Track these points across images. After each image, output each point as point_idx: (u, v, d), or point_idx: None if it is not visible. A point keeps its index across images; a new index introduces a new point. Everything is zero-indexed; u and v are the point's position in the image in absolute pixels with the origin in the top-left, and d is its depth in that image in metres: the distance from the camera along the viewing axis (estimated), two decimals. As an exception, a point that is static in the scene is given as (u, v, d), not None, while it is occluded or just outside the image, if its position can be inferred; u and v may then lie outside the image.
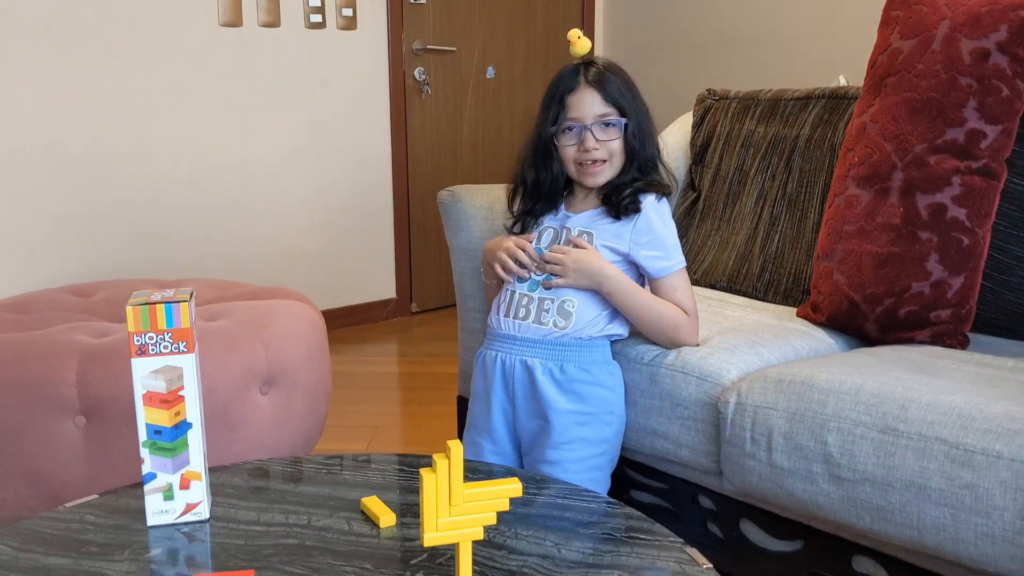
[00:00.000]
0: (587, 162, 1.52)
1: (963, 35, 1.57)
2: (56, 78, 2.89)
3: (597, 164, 1.53)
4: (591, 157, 1.52)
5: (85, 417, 1.62)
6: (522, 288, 1.55)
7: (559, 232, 1.57)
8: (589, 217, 1.57)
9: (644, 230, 1.53)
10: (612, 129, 1.52)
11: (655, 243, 1.53)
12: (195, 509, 1.11)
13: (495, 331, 1.58)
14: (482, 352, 1.61)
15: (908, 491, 1.21)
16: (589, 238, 1.54)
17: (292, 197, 3.51)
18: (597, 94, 1.51)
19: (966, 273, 1.55)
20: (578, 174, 1.55)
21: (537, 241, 1.58)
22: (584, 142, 1.51)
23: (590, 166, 1.53)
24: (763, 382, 1.41)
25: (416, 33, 3.80)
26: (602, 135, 1.51)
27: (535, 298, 1.54)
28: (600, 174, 1.54)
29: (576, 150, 1.53)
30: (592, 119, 1.51)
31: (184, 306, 1.06)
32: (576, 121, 1.52)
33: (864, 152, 1.66)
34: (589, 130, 1.51)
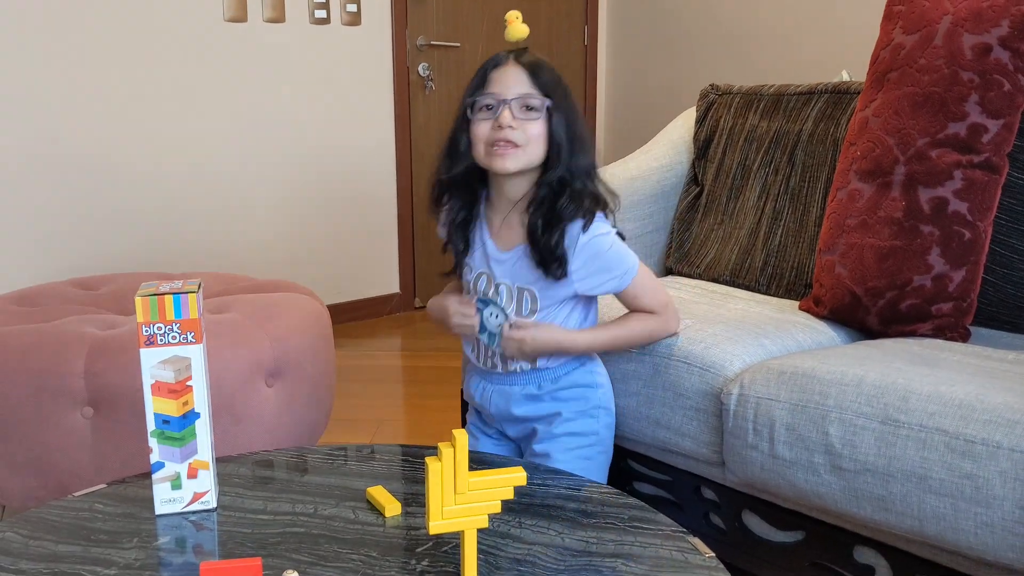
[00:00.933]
0: (499, 142, 1.32)
1: (965, 30, 1.58)
2: (61, 73, 2.90)
3: (509, 146, 1.32)
4: (504, 136, 1.31)
5: (93, 408, 1.64)
6: (484, 341, 1.48)
7: (492, 281, 1.44)
8: (518, 261, 1.41)
9: (580, 272, 1.39)
10: (534, 113, 1.33)
11: (598, 272, 1.40)
12: (203, 498, 1.12)
13: (472, 363, 1.54)
14: (468, 373, 1.59)
15: (909, 481, 1.22)
16: (532, 301, 1.42)
17: (296, 192, 3.52)
18: (524, 73, 1.34)
19: (967, 267, 1.56)
20: (487, 156, 1.34)
21: (474, 289, 1.47)
22: (500, 117, 1.32)
23: (501, 147, 1.32)
24: (765, 373, 1.42)
25: (420, 29, 3.80)
26: (522, 115, 1.32)
27: (498, 352, 1.47)
28: (511, 158, 1.32)
29: (490, 127, 1.33)
30: (513, 95, 1.32)
31: (192, 297, 1.07)
32: (495, 95, 1.33)
33: (866, 146, 1.66)
34: (508, 104, 1.32)
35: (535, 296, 1.41)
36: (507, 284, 1.42)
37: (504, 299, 1.43)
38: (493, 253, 1.42)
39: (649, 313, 1.47)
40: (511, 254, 1.41)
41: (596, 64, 4.49)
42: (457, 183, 1.40)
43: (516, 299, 1.42)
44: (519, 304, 1.42)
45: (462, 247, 1.45)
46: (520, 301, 1.42)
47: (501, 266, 1.41)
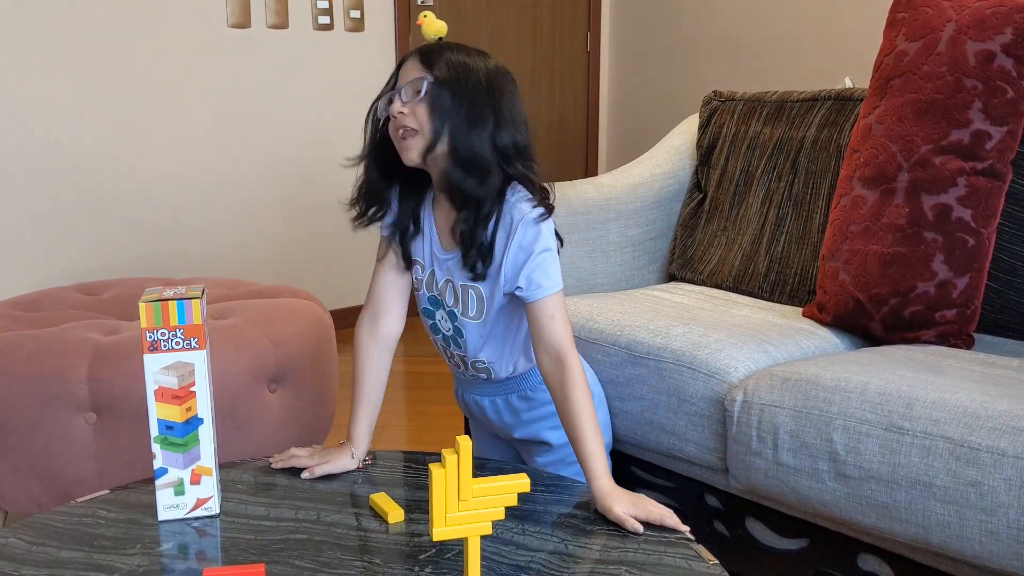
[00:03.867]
0: (399, 131, 1.26)
1: (968, 37, 1.58)
2: (65, 79, 2.91)
3: (408, 133, 1.25)
4: (399, 124, 1.25)
5: (95, 414, 1.64)
6: (440, 343, 1.43)
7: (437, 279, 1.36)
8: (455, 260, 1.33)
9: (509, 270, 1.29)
10: (421, 93, 1.25)
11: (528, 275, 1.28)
12: (206, 504, 1.12)
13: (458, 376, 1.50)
14: (457, 390, 1.54)
15: (913, 489, 1.21)
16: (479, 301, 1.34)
17: (299, 197, 3.53)
18: (419, 62, 1.27)
19: (971, 273, 1.56)
20: (399, 151, 1.28)
21: (427, 288, 1.38)
22: (391, 107, 1.26)
23: (402, 137, 1.26)
24: (769, 380, 1.42)
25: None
26: (410, 99, 1.25)
27: (455, 355, 1.42)
28: (410, 149, 1.25)
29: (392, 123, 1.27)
30: (405, 83, 1.26)
31: (196, 303, 1.07)
32: (389, 92, 1.29)
33: (870, 153, 1.66)
34: (397, 92, 1.26)
35: (481, 295, 1.33)
36: (452, 281, 1.35)
37: (451, 298, 1.36)
38: (438, 252, 1.35)
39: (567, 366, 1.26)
40: (451, 253, 1.34)
41: (599, 70, 4.49)
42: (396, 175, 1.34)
43: (461, 298, 1.35)
44: (464, 304, 1.35)
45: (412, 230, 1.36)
46: (466, 300, 1.34)
47: (443, 264, 1.35)
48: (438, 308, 1.39)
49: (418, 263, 1.38)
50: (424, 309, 1.42)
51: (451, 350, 1.42)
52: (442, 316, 1.39)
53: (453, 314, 1.37)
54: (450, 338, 1.41)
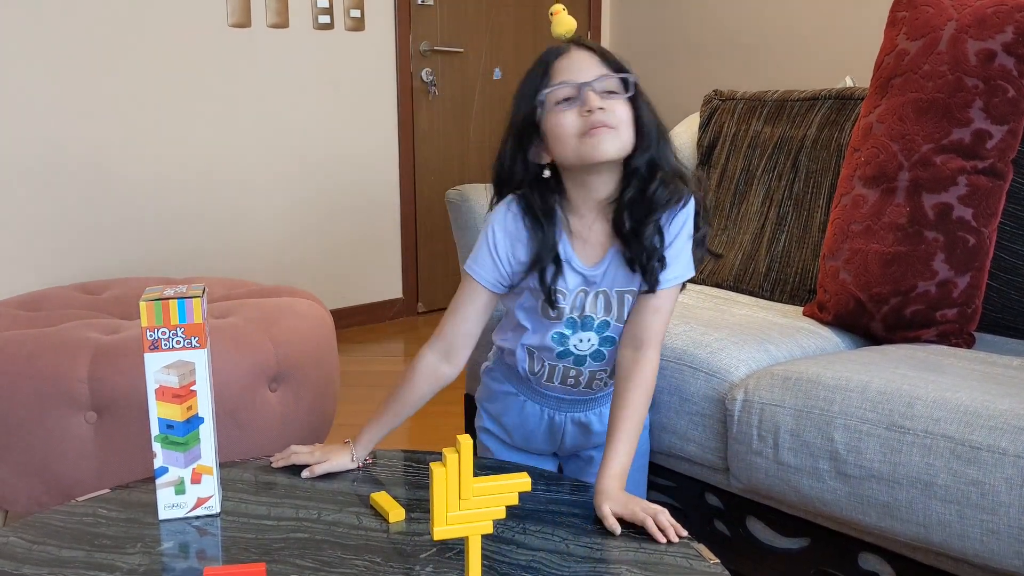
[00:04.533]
0: (596, 127, 1.15)
1: (969, 36, 1.58)
2: (65, 79, 2.91)
3: (605, 128, 1.15)
4: (598, 120, 1.14)
5: (96, 413, 1.64)
6: (566, 363, 1.31)
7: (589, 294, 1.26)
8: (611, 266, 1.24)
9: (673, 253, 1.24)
10: (617, 95, 1.18)
11: (670, 258, 1.24)
12: (206, 503, 1.12)
13: (535, 387, 1.37)
14: (517, 396, 1.39)
15: (914, 488, 1.21)
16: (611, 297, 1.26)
17: (299, 197, 3.53)
18: (594, 56, 1.19)
19: (972, 272, 1.56)
20: (578, 150, 1.17)
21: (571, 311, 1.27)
22: (586, 101, 1.15)
23: (595, 131, 1.15)
24: (770, 379, 1.42)
25: (424, 34, 3.81)
26: (606, 96, 1.17)
27: (584, 372, 1.31)
28: (609, 140, 1.15)
29: (576, 116, 1.16)
30: (592, 77, 1.17)
31: (197, 302, 1.07)
32: (570, 82, 1.17)
33: (870, 152, 1.66)
34: (591, 87, 1.16)
35: (635, 294, 1.25)
36: (605, 291, 1.25)
37: (602, 310, 1.26)
38: (583, 270, 1.25)
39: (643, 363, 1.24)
40: (603, 264, 1.24)
41: (599, 70, 4.49)
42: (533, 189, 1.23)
43: (617, 304, 1.26)
44: (620, 309, 1.27)
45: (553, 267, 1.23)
46: (622, 306, 1.26)
47: (597, 278, 1.25)
48: (576, 331, 1.28)
49: (560, 292, 1.25)
50: (555, 335, 1.29)
51: (582, 368, 1.31)
52: (582, 338, 1.29)
53: (606, 324, 1.27)
54: (586, 356, 1.30)
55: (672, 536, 1.05)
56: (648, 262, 1.21)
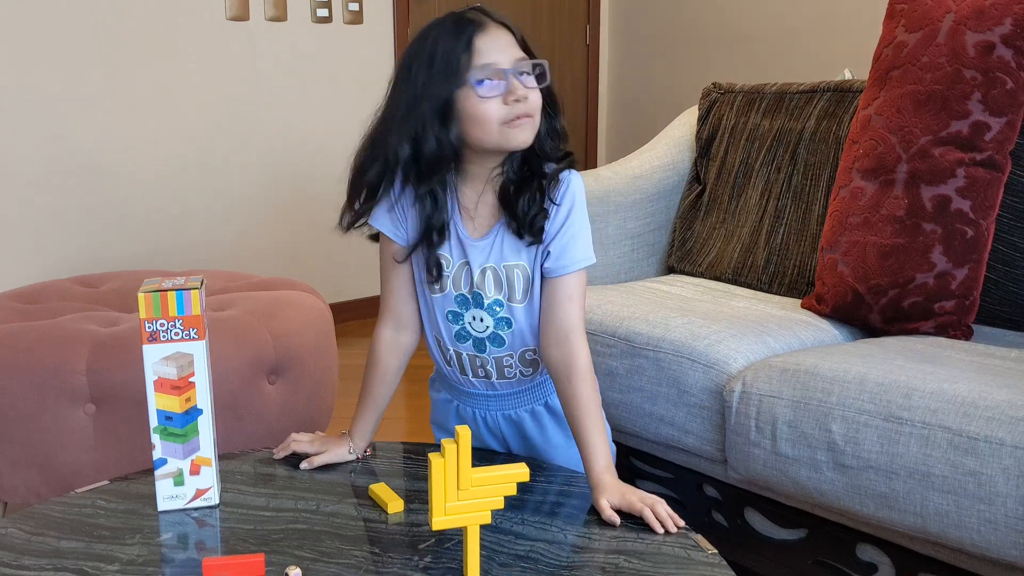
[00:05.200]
0: (518, 116, 1.15)
1: (968, 28, 1.57)
2: (63, 71, 2.90)
3: (524, 119, 1.16)
4: (523, 110, 1.15)
5: (95, 405, 1.64)
6: (467, 349, 1.28)
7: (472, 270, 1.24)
8: (498, 239, 1.23)
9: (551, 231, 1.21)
10: (531, 79, 1.17)
11: (562, 238, 1.21)
12: (205, 494, 1.12)
13: (457, 387, 1.34)
14: (450, 400, 1.37)
15: (912, 478, 1.22)
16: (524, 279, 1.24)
17: (297, 190, 3.52)
18: (510, 35, 1.19)
19: (970, 264, 1.56)
20: (502, 136, 1.15)
21: (454, 286, 1.25)
22: (513, 90, 1.14)
23: (518, 122, 1.15)
24: (768, 371, 1.42)
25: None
26: (527, 83, 1.16)
27: (489, 359, 1.28)
28: (529, 130, 1.16)
29: (500, 104, 1.14)
30: (512, 63, 1.16)
31: (195, 293, 1.07)
32: (492, 67, 1.15)
33: (869, 144, 1.66)
34: (516, 76, 1.15)
35: (527, 272, 1.23)
36: (493, 266, 1.23)
37: (492, 287, 1.24)
38: (468, 240, 1.23)
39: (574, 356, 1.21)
40: (488, 236, 1.23)
41: (598, 63, 4.49)
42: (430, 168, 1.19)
43: (506, 280, 1.23)
44: (510, 286, 1.24)
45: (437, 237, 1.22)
46: (511, 282, 1.23)
47: (481, 252, 1.23)
48: (469, 308, 1.26)
49: (443, 258, 1.24)
50: (448, 314, 1.27)
51: (484, 355, 1.27)
52: (475, 316, 1.26)
53: (498, 304, 1.25)
54: (485, 339, 1.26)
55: (671, 527, 1.05)
56: (533, 216, 1.19)
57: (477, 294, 1.25)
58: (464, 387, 1.32)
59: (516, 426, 1.33)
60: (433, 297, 1.27)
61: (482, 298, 1.25)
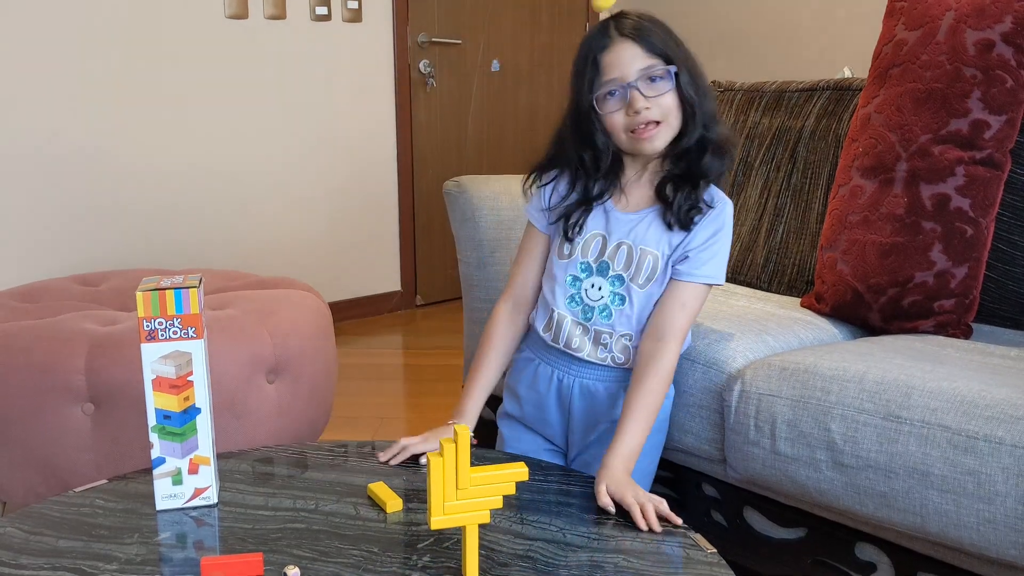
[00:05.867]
0: (639, 126, 1.26)
1: (968, 26, 1.57)
2: (60, 69, 2.90)
3: (651, 127, 1.26)
4: (643, 119, 1.25)
5: (94, 404, 1.63)
6: (574, 315, 1.34)
7: (608, 242, 1.32)
8: (644, 221, 1.32)
9: (699, 239, 1.30)
10: (661, 83, 1.26)
11: (707, 250, 1.31)
12: (204, 494, 1.12)
13: (547, 344, 1.38)
14: (532, 360, 1.41)
15: (911, 477, 1.21)
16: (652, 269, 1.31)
17: (297, 189, 3.52)
18: (636, 46, 1.26)
19: (970, 263, 1.56)
20: (631, 143, 1.28)
21: (583, 253, 1.34)
22: (632, 103, 1.25)
23: (643, 130, 1.26)
24: (767, 370, 1.42)
25: (422, 26, 3.80)
26: (650, 91, 1.25)
27: (590, 329, 1.34)
28: (657, 137, 1.27)
29: (624, 115, 1.26)
30: (636, 75, 1.25)
31: (193, 292, 1.07)
32: (617, 82, 1.26)
33: (868, 143, 1.66)
34: (635, 88, 1.25)
35: (657, 261, 1.30)
36: (628, 243, 1.31)
37: (622, 262, 1.31)
38: (614, 212, 1.32)
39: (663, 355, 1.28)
40: (637, 215, 1.32)
41: (597, 62, 4.49)
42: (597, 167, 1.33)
43: (637, 263, 1.30)
44: (638, 269, 1.30)
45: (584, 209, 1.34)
46: (640, 264, 1.30)
47: (623, 226, 1.31)
48: (591, 275, 1.33)
49: (578, 225, 1.34)
50: (569, 277, 1.34)
51: (588, 324, 1.33)
52: (595, 284, 1.33)
53: (619, 279, 1.32)
54: (595, 309, 1.33)
55: (655, 526, 1.06)
56: (687, 209, 1.29)
57: (604, 263, 1.33)
58: (551, 344, 1.38)
59: (589, 398, 1.37)
60: (559, 262, 1.36)
61: (607, 269, 1.33)
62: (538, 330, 1.39)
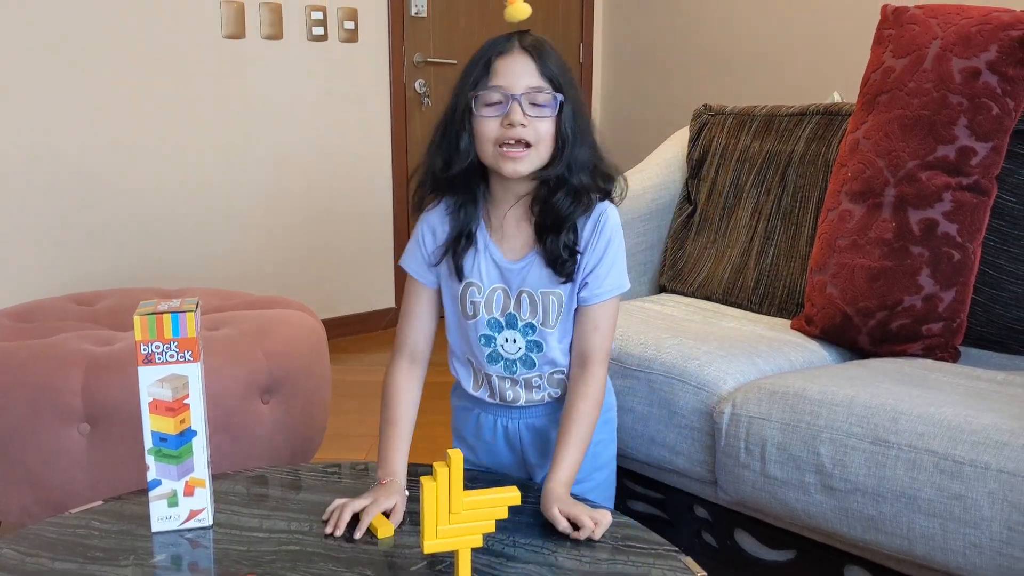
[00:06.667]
0: (509, 142, 1.19)
1: (954, 54, 1.60)
2: (59, 88, 2.91)
3: (520, 148, 1.19)
4: (515, 135, 1.18)
5: (89, 425, 1.64)
6: (498, 372, 1.30)
7: (510, 294, 1.27)
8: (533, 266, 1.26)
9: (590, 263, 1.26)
10: (544, 108, 1.20)
11: (599, 270, 1.26)
12: (199, 515, 1.13)
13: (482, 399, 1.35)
14: (471, 409, 1.38)
15: (899, 501, 1.23)
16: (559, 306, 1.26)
17: (292, 206, 3.53)
18: (532, 63, 1.21)
19: (957, 287, 1.58)
20: (495, 159, 1.21)
21: (487, 310, 1.28)
22: (510, 114, 1.18)
23: (512, 148, 1.19)
24: (757, 393, 1.43)
25: (417, 46, 3.83)
26: (531, 111, 1.19)
27: (519, 380, 1.30)
28: (522, 161, 1.20)
29: (498, 125, 1.19)
30: (522, 89, 1.19)
31: (191, 316, 1.08)
32: (502, 89, 1.20)
33: (857, 168, 1.69)
34: (517, 101, 1.19)
35: (561, 299, 1.26)
36: (529, 291, 1.27)
37: (527, 310, 1.27)
38: (504, 264, 1.27)
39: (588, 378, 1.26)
40: (524, 261, 1.27)
41: (591, 83, 4.52)
42: (455, 182, 1.26)
43: (542, 306, 1.27)
44: (545, 313, 1.27)
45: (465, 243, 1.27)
46: (546, 308, 1.27)
47: (517, 275, 1.27)
48: (502, 330, 1.28)
49: (473, 285, 1.27)
50: (482, 337, 1.29)
51: (515, 376, 1.30)
52: (509, 338, 1.29)
53: (530, 327, 1.28)
54: (517, 361, 1.29)
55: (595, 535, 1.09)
56: (563, 260, 1.24)
57: (512, 315, 1.28)
58: (485, 399, 1.34)
59: (538, 434, 1.35)
60: (466, 323, 1.30)
61: (516, 320, 1.28)
62: (467, 389, 1.35)
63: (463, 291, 1.28)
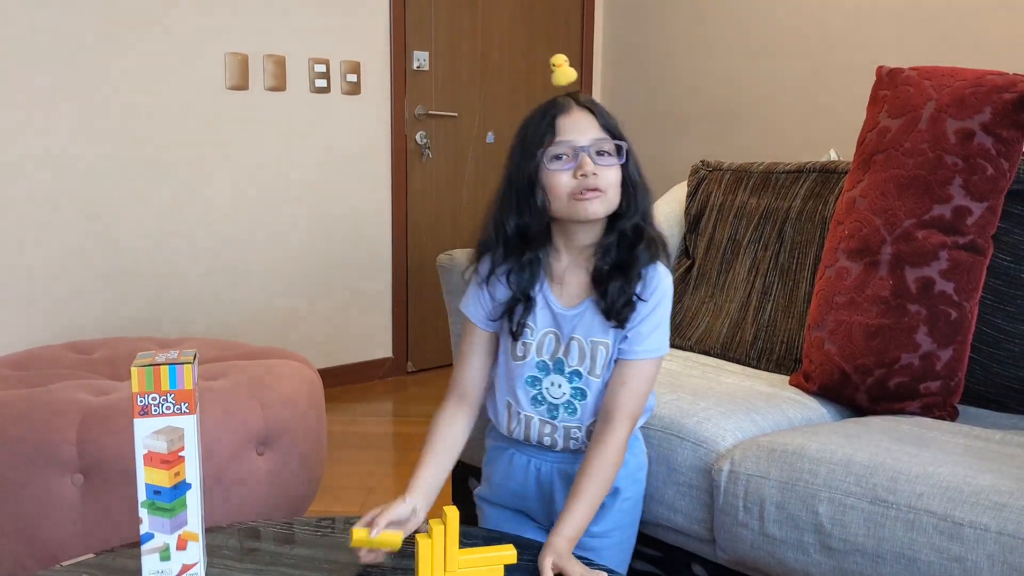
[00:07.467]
0: (584, 190, 1.24)
1: (948, 115, 1.62)
2: (61, 135, 2.94)
3: (594, 192, 1.25)
4: (588, 184, 1.24)
5: (83, 476, 1.63)
6: (540, 415, 1.34)
7: (560, 339, 1.32)
8: (587, 313, 1.30)
9: (637, 317, 1.30)
10: (610, 158, 1.27)
11: (643, 327, 1.30)
12: (191, 570, 1.12)
13: (514, 440, 1.39)
14: (505, 448, 1.42)
15: (898, 563, 1.22)
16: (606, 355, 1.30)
17: (292, 256, 3.55)
18: (593, 118, 1.29)
19: (954, 345, 1.58)
20: (570, 207, 1.26)
21: (537, 352, 1.33)
22: (582, 165, 1.24)
23: (585, 195, 1.24)
24: (756, 450, 1.43)
25: (418, 98, 3.88)
26: (600, 161, 1.26)
27: (559, 427, 1.34)
28: (597, 202, 1.25)
29: (570, 177, 1.25)
30: (589, 142, 1.26)
31: (188, 368, 1.08)
32: (570, 144, 1.26)
33: (854, 226, 1.70)
34: (587, 152, 1.25)
35: (609, 349, 1.30)
36: (579, 338, 1.31)
37: (576, 357, 1.31)
38: (559, 310, 1.31)
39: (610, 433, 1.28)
40: (579, 308, 1.31)
41: (590, 135, 4.57)
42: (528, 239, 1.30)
43: (590, 354, 1.31)
44: (593, 361, 1.31)
45: (524, 306, 1.31)
46: (594, 356, 1.31)
47: (570, 322, 1.31)
48: (549, 374, 1.33)
49: (527, 327, 1.32)
50: (528, 378, 1.33)
51: (556, 422, 1.33)
52: (554, 382, 1.33)
53: (577, 374, 1.32)
54: (560, 406, 1.33)
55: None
56: (621, 306, 1.28)
57: (560, 360, 1.33)
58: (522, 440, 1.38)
59: (570, 481, 1.33)
60: (514, 364, 1.34)
61: (563, 365, 1.32)
62: (502, 429, 1.39)
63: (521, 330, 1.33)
